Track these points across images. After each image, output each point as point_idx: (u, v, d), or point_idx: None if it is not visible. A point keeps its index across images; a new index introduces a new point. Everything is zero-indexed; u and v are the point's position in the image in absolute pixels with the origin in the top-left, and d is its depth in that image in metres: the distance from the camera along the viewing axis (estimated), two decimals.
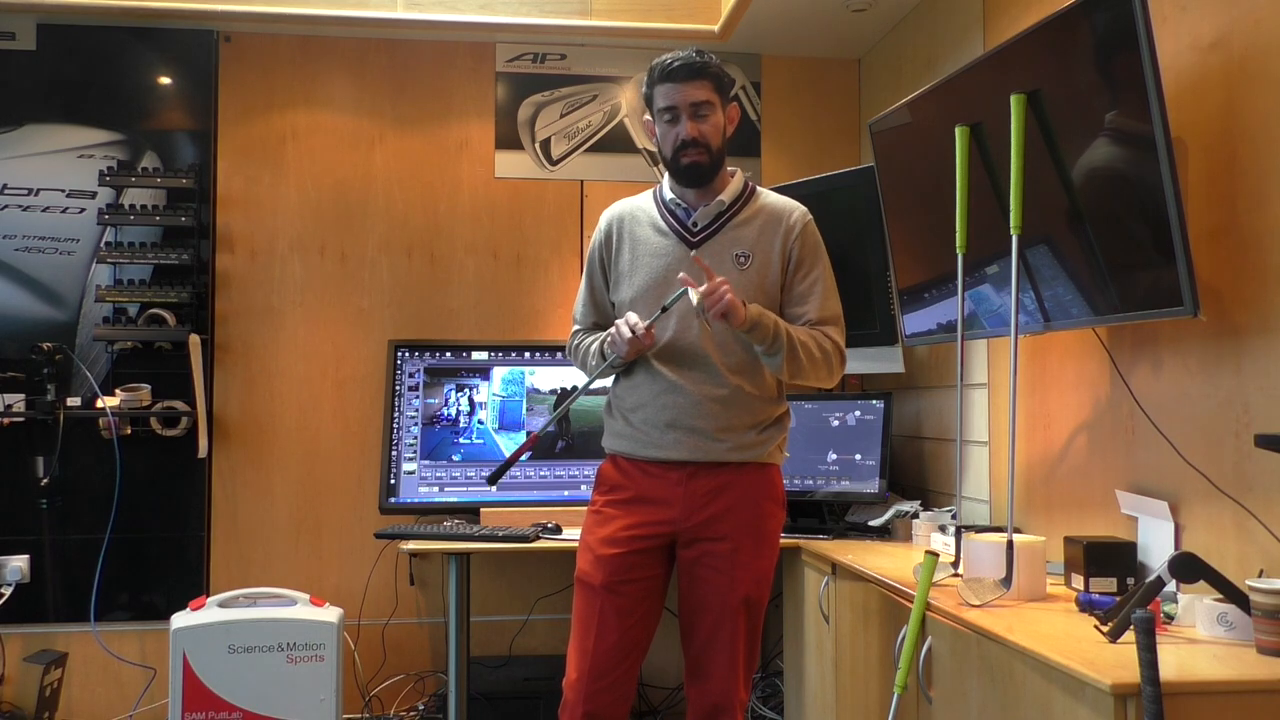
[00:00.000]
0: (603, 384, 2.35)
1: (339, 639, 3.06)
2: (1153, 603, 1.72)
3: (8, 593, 3.38)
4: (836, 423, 3.28)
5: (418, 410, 3.46)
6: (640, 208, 2.32)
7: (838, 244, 2.40)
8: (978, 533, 2.32)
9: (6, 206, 3.52)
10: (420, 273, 3.74)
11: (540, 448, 3.45)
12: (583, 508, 2.39)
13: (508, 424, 3.50)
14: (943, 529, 2.73)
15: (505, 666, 3.54)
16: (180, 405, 3.51)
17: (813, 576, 2.85)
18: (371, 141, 3.73)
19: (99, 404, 3.44)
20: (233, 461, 3.60)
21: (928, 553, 2.08)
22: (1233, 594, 1.70)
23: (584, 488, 3.44)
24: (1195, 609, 1.78)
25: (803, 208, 2.29)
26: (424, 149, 3.76)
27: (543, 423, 3.49)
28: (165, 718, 3.18)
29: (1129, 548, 2.13)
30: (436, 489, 3.42)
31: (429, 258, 3.74)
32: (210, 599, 3.10)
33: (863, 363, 3.30)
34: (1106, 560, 2.09)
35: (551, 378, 3.53)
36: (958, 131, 2.33)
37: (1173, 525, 2.08)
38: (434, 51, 3.77)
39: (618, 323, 2.16)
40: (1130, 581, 2.07)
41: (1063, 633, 1.78)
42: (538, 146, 3.81)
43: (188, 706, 2.97)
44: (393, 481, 3.39)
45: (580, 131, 3.83)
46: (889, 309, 3.17)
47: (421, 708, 3.56)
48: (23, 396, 3.44)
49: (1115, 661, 1.56)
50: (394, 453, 3.41)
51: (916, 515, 2.97)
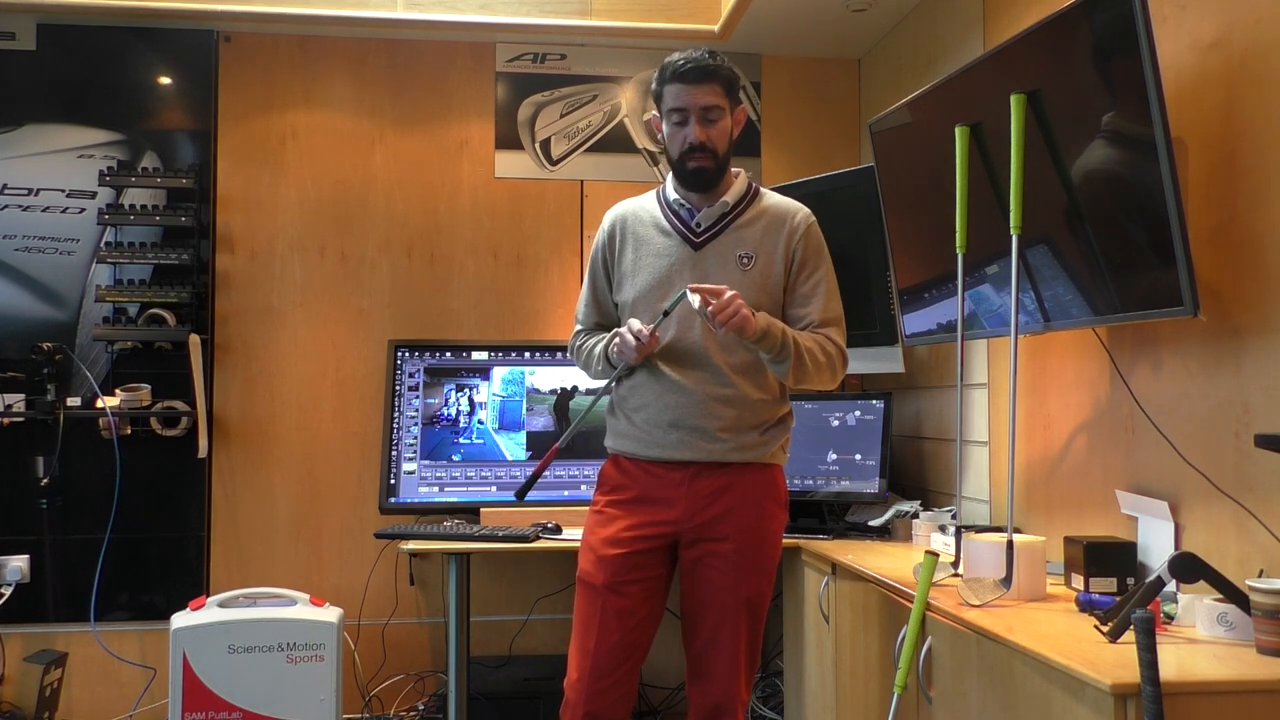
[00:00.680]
0: (603, 384, 2.35)
1: (339, 639, 3.06)
2: (1153, 603, 1.72)
3: (8, 593, 3.38)
4: (836, 423, 3.28)
5: (418, 410, 3.46)
6: (644, 208, 2.32)
7: (838, 244, 2.40)
8: (978, 533, 2.32)
9: (6, 206, 3.52)
10: (420, 273, 3.73)
11: (540, 448, 3.45)
12: (583, 508, 2.39)
13: (508, 424, 3.50)
14: (943, 529, 2.73)
15: (505, 666, 3.54)
16: (180, 405, 3.51)
17: (813, 576, 2.85)
18: (371, 141, 3.73)
19: (99, 404, 3.44)
20: (233, 461, 3.60)
21: (928, 553, 2.08)
22: (1233, 594, 1.70)
23: (584, 488, 3.44)
24: (1195, 609, 1.78)
25: (806, 209, 2.29)
26: (424, 149, 3.76)
27: (543, 423, 3.49)
28: (165, 718, 3.18)
29: (1129, 548, 2.13)
30: (436, 489, 3.42)
31: (429, 258, 3.74)
32: (210, 599, 3.10)
33: (863, 363, 3.30)
34: (1106, 560, 2.09)
35: (551, 378, 3.53)
36: (958, 131, 2.33)
37: (1173, 525, 2.08)
38: (434, 51, 3.77)
39: (621, 331, 2.16)
40: (1130, 581, 2.07)
41: (1063, 633, 1.78)
42: (538, 146, 3.81)
43: (188, 706, 2.97)
44: (393, 481, 3.39)
45: (580, 131, 3.83)
46: (889, 309, 3.17)
47: (421, 708, 3.56)
48: (23, 396, 3.44)
49: (1115, 661, 1.56)
50: (394, 453, 3.41)
51: (916, 515, 2.97)
